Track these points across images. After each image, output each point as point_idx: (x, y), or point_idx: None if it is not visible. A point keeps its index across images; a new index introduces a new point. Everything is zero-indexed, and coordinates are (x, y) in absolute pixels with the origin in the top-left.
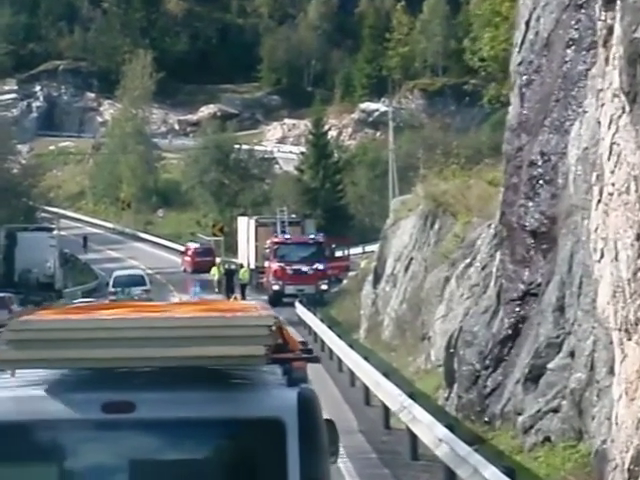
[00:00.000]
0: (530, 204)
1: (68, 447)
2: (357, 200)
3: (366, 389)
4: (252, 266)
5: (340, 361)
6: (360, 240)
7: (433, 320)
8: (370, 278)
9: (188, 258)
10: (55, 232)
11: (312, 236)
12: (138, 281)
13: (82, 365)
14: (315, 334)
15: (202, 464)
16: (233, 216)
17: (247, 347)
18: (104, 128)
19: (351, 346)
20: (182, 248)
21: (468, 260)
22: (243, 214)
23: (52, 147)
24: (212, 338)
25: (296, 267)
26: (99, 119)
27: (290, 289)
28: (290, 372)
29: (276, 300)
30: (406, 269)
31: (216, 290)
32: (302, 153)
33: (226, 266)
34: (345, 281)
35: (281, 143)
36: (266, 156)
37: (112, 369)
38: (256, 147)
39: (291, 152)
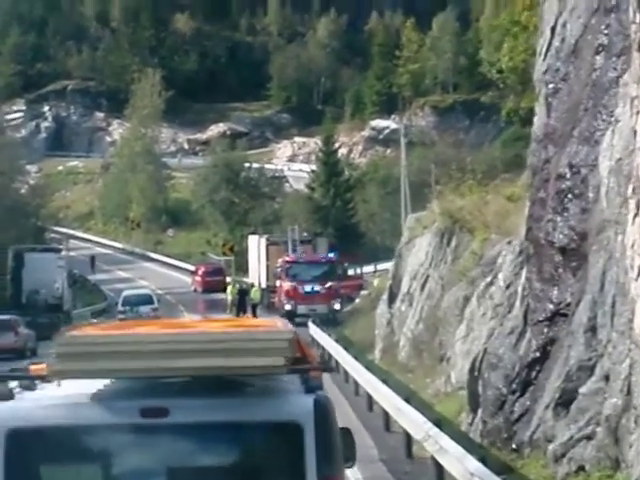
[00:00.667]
0: (559, 219)
1: (111, 449)
2: (368, 218)
3: (386, 414)
4: (263, 285)
5: (357, 384)
6: (372, 258)
7: (453, 341)
8: (385, 297)
9: (198, 278)
10: (63, 253)
11: (330, 255)
12: (146, 300)
13: (123, 375)
14: (329, 355)
15: (228, 462)
16: (243, 235)
17: (269, 358)
18: (113, 148)
19: (368, 368)
20: (192, 268)
21: (489, 278)
22: (253, 233)
23: (61, 167)
24: (238, 350)
25: (308, 286)
26: (108, 139)
27: (302, 309)
28: (307, 381)
29: (288, 320)
30: (422, 288)
31: (228, 311)
32: (312, 171)
33: (237, 286)
34: (357, 300)
35: (291, 161)
36: (276, 174)
37: (149, 379)
38: (266, 165)
39: (301, 170)
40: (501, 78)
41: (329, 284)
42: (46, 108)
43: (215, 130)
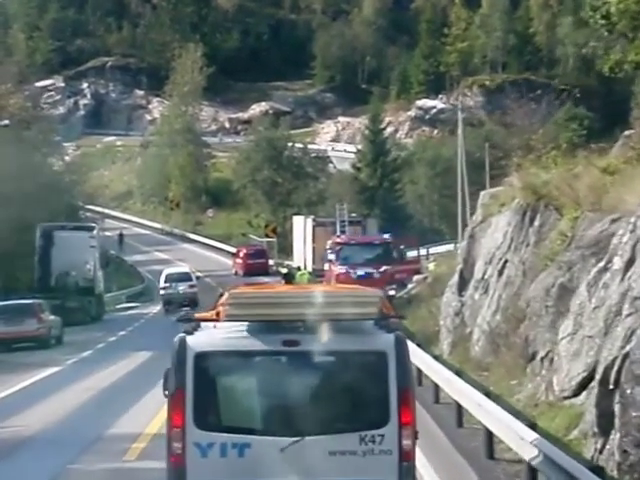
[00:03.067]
0: None
1: (262, 366)
2: (416, 199)
3: (489, 436)
4: (309, 269)
5: (436, 389)
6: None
7: (547, 337)
8: (452, 283)
9: (240, 260)
10: (95, 231)
11: (385, 235)
12: (185, 277)
13: (272, 319)
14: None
15: (338, 376)
16: (286, 216)
17: (366, 309)
18: (152, 126)
19: (459, 374)
20: (233, 250)
21: (602, 264)
22: (297, 214)
23: (99, 145)
24: (346, 303)
25: (361, 270)
26: (148, 117)
27: None
28: (389, 325)
29: None
30: (500, 273)
31: None
32: (358, 151)
33: (284, 270)
34: (410, 285)
35: (335, 141)
36: (319, 155)
37: (287, 322)
38: (309, 146)
39: (345, 151)
40: (607, 25)
41: (384, 268)
42: (85, 85)
43: (257, 109)
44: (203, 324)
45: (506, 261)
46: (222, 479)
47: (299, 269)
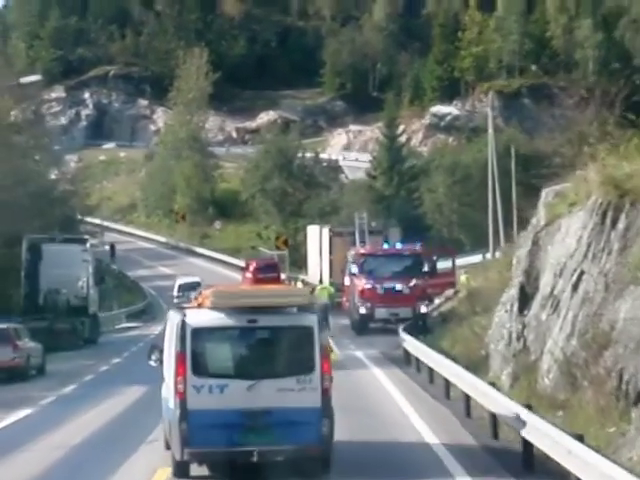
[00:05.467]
0: None
1: (235, 337)
2: (435, 209)
3: None
4: (326, 283)
5: (494, 421)
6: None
7: None
8: (506, 299)
9: (249, 274)
10: (88, 244)
11: (416, 245)
12: (196, 286)
13: (240, 305)
14: (447, 386)
15: (282, 342)
16: (297, 227)
17: (298, 299)
18: (157, 137)
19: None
20: (242, 263)
21: None
22: (310, 224)
23: (102, 157)
24: (285, 296)
25: (389, 285)
26: (152, 127)
27: (381, 312)
28: (313, 309)
29: (362, 326)
30: (574, 288)
31: None
32: (374, 158)
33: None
34: (437, 300)
35: (346, 151)
36: (331, 164)
37: (249, 308)
38: (320, 155)
39: (357, 160)
40: None
41: (414, 282)
42: (87, 95)
43: (265, 118)
44: (188, 310)
45: (582, 273)
46: (209, 407)
47: (321, 282)
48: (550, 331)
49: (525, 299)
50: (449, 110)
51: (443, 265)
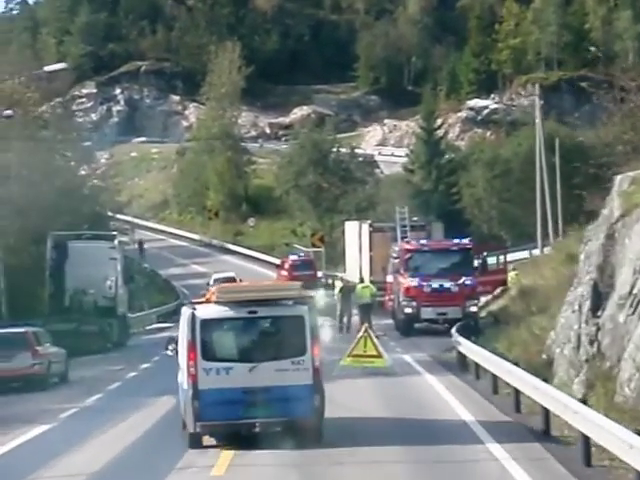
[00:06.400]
0: None
1: (238, 326)
2: (474, 204)
3: None
4: (367, 281)
5: (587, 446)
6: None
7: None
8: (573, 298)
9: (285, 272)
10: (116, 241)
11: (465, 240)
12: (232, 281)
13: (242, 299)
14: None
15: (278, 330)
16: (333, 223)
17: (291, 293)
18: (189, 133)
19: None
20: (277, 261)
21: None
22: (347, 220)
23: (133, 153)
24: (282, 289)
25: (436, 283)
26: (184, 123)
27: (428, 312)
28: (304, 301)
29: (408, 327)
30: None
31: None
32: (411, 152)
33: (339, 283)
34: (483, 299)
35: (381, 145)
36: (366, 159)
37: (250, 301)
38: (355, 150)
39: (393, 155)
40: None
41: (463, 279)
42: (118, 91)
43: (299, 113)
44: (197, 305)
45: None
46: (217, 386)
47: (362, 280)
48: (630, 334)
49: (598, 298)
50: (487, 103)
51: (506, 261)
